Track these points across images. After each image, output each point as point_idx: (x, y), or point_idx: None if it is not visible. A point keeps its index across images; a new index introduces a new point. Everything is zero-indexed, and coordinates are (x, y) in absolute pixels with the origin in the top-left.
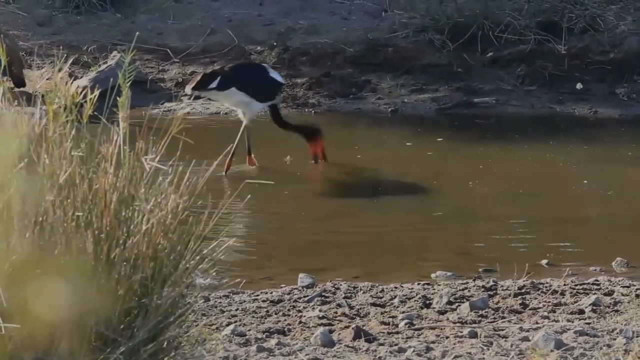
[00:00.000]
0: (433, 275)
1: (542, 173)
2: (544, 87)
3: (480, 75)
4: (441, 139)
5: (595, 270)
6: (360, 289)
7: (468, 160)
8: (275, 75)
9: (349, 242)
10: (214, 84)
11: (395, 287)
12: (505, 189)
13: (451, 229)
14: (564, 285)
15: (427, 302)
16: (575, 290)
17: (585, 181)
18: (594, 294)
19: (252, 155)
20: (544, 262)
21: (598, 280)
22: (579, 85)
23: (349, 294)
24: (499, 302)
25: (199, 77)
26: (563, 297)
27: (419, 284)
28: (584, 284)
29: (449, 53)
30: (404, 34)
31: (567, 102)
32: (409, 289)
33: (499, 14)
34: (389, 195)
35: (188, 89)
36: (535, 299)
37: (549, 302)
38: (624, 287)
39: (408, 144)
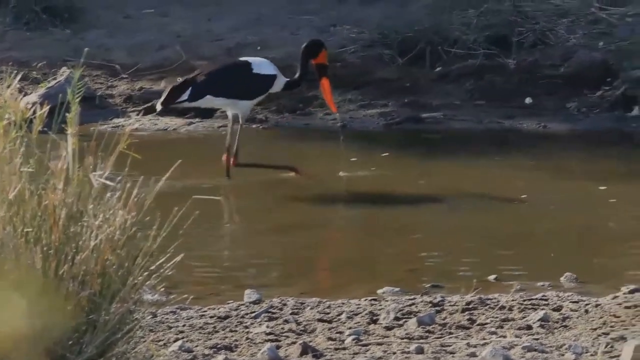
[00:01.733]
0: (380, 291)
1: (488, 188)
2: (493, 102)
3: (429, 90)
4: (387, 154)
5: (543, 285)
6: (308, 305)
7: (413, 175)
8: (261, 69)
9: (296, 257)
10: (184, 96)
11: (343, 303)
12: (451, 204)
13: (398, 244)
14: (512, 300)
15: (374, 317)
16: (523, 306)
17: (533, 196)
18: (542, 309)
19: (236, 156)
20: (491, 277)
21: (546, 296)
22: (528, 100)
23: (296, 310)
24: (446, 317)
25: (167, 91)
26: (511, 313)
27: (366, 299)
28: (532, 299)
29: (398, 68)
30: (352, 49)
31: (516, 116)
32: (356, 304)
33: (448, 28)
34: (334, 211)
35: (159, 106)
36: (483, 314)
37: (497, 317)
38: (573, 302)
39: (353, 159)
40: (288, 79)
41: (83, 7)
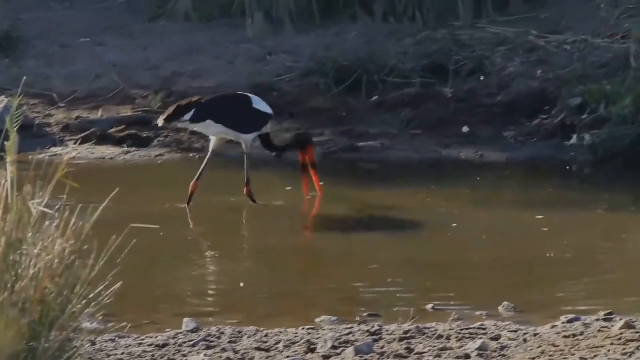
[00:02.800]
0: (317, 319)
1: (424, 218)
2: (430, 131)
3: (366, 119)
4: (322, 183)
5: (481, 314)
6: (245, 334)
7: (349, 204)
8: (260, 106)
9: (234, 286)
10: (187, 116)
11: (280, 332)
12: (387, 233)
13: (335, 273)
14: (450, 329)
15: (312, 346)
16: (461, 335)
17: (469, 225)
18: (480, 338)
19: (250, 186)
20: (429, 306)
21: (484, 325)
22: (465, 129)
23: (233, 339)
24: (384, 346)
25: (173, 108)
26: (449, 342)
27: (303, 328)
28: (470, 328)
29: (334, 97)
30: (289, 78)
31: (453, 145)
32: (294, 333)
33: (384, 57)
34: (270, 240)
35: (160, 121)
36: (421, 343)
37: (435, 346)
38: (511, 331)
39: (288, 188)
40: (268, 133)
41: (21, 37)
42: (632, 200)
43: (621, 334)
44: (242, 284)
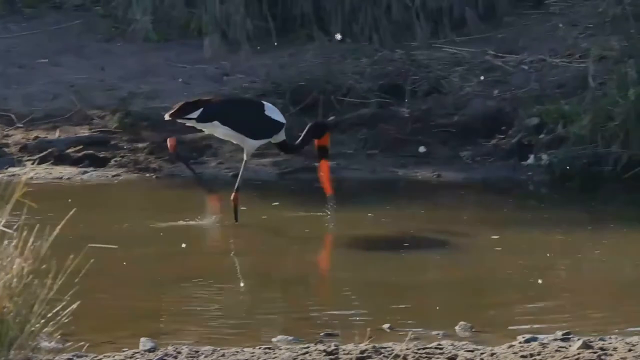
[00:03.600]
0: (274, 339)
1: (380, 238)
2: (386, 151)
3: None
4: (277, 203)
5: (438, 334)
6: (202, 353)
7: (305, 224)
8: (273, 114)
9: (192, 306)
10: (194, 115)
11: (237, 352)
12: (343, 253)
13: (291, 293)
14: (407, 349)
15: None
16: (417, 355)
17: (424, 245)
18: (437, 358)
19: (238, 193)
20: (385, 326)
21: (441, 345)
22: (422, 149)
23: (190, 358)
24: None
25: (179, 105)
26: None
27: (260, 348)
28: (427, 348)
29: (291, 117)
30: None
31: (409, 165)
32: (250, 353)
33: (340, 77)
34: (225, 260)
35: (167, 117)
36: None
37: None
38: (468, 351)
39: (243, 208)
40: (284, 140)
41: None
42: (588, 220)
43: (579, 354)
44: (199, 304)
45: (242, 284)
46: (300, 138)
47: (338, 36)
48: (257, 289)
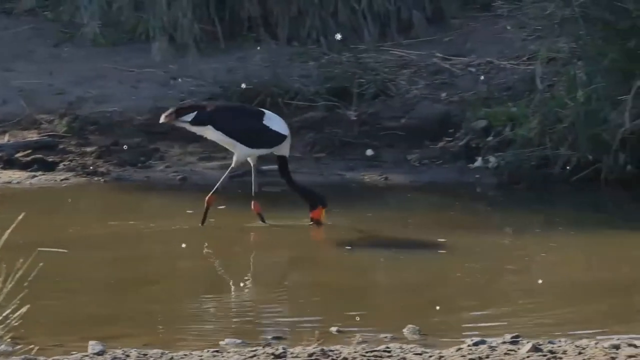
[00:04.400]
0: (222, 342)
1: (325, 241)
2: (333, 154)
3: None
4: (223, 207)
5: (386, 337)
6: (151, 356)
7: (252, 228)
8: (272, 123)
9: (140, 309)
10: (188, 118)
11: (185, 354)
12: (290, 256)
13: (240, 296)
14: (355, 352)
15: None
16: (366, 358)
17: (369, 248)
18: None
19: (215, 195)
20: (333, 329)
21: (389, 348)
22: (369, 152)
23: None
24: None
25: (174, 108)
26: None
27: (208, 351)
28: (375, 351)
29: None
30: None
31: (357, 168)
32: (199, 356)
33: (288, 80)
34: (173, 264)
35: (163, 119)
36: None
37: None
38: (416, 354)
39: (189, 211)
40: (284, 156)
41: None
42: (536, 223)
43: (528, 357)
44: (148, 307)
45: (190, 288)
46: (301, 189)
47: (338, 36)
48: (206, 293)
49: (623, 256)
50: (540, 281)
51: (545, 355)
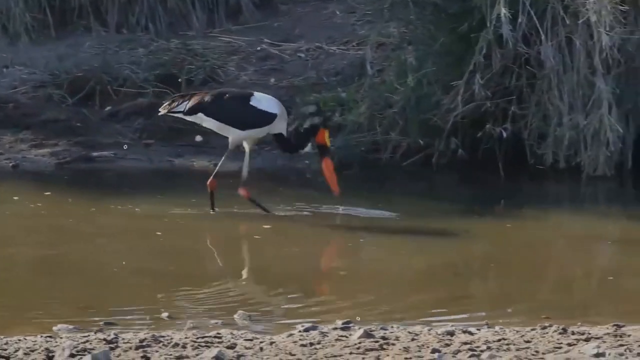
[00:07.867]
0: (55, 328)
1: (154, 227)
2: (162, 141)
3: (99, 129)
4: (49, 193)
5: (216, 323)
6: None
7: (81, 214)
8: (260, 104)
9: None
10: (181, 107)
11: (19, 340)
12: (120, 241)
13: (72, 281)
14: (186, 338)
15: (50, 354)
16: (197, 344)
17: (201, 234)
18: (216, 347)
19: (215, 179)
20: (164, 315)
21: (220, 334)
22: (198, 138)
23: None
24: (120, 355)
25: (169, 101)
26: (185, 350)
27: (41, 336)
28: (206, 337)
29: (68, 108)
30: (23, 90)
31: (186, 154)
32: (32, 341)
33: (117, 67)
34: (17, 248)
35: (161, 111)
36: (157, 352)
37: (171, 355)
38: (247, 340)
39: (15, 197)
40: (281, 133)
41: None
42: (366, 209)
43: (360, 342)
44: None
45: (21, 273)
46: (302, 136)
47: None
48: (38, 279)
49: (454, 242)
50: (371, 269)
51: (377, 342)
